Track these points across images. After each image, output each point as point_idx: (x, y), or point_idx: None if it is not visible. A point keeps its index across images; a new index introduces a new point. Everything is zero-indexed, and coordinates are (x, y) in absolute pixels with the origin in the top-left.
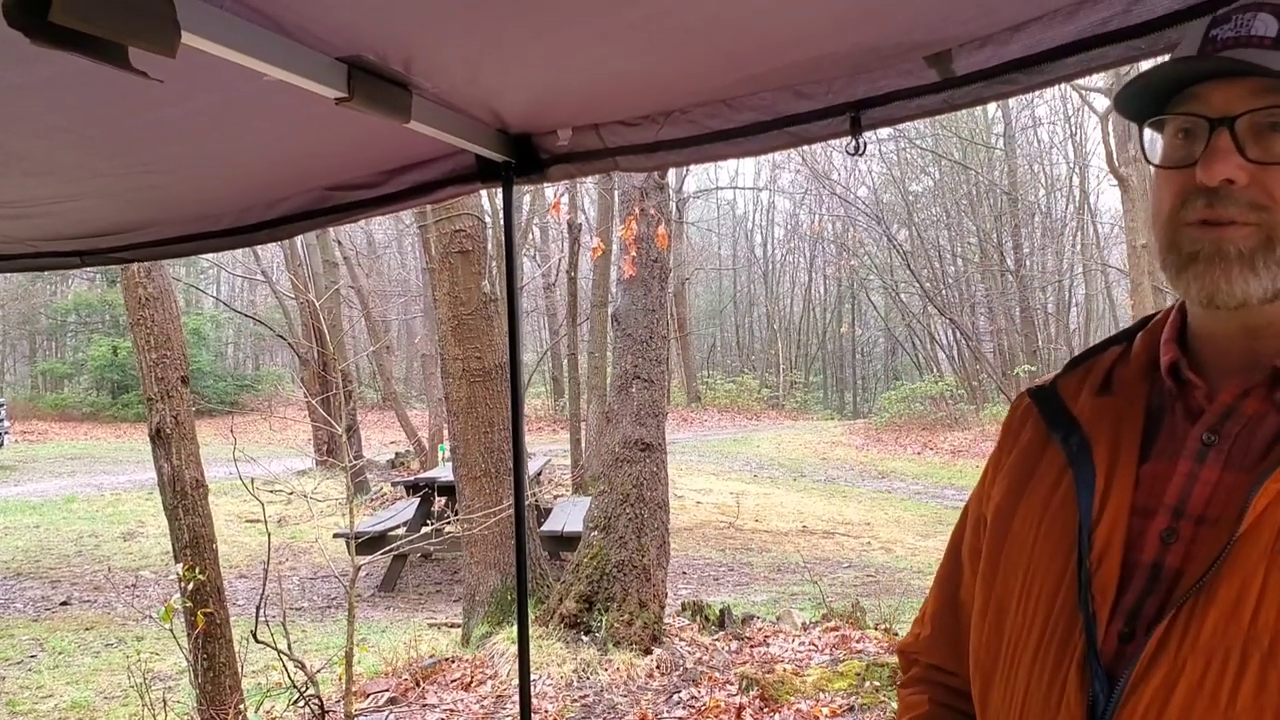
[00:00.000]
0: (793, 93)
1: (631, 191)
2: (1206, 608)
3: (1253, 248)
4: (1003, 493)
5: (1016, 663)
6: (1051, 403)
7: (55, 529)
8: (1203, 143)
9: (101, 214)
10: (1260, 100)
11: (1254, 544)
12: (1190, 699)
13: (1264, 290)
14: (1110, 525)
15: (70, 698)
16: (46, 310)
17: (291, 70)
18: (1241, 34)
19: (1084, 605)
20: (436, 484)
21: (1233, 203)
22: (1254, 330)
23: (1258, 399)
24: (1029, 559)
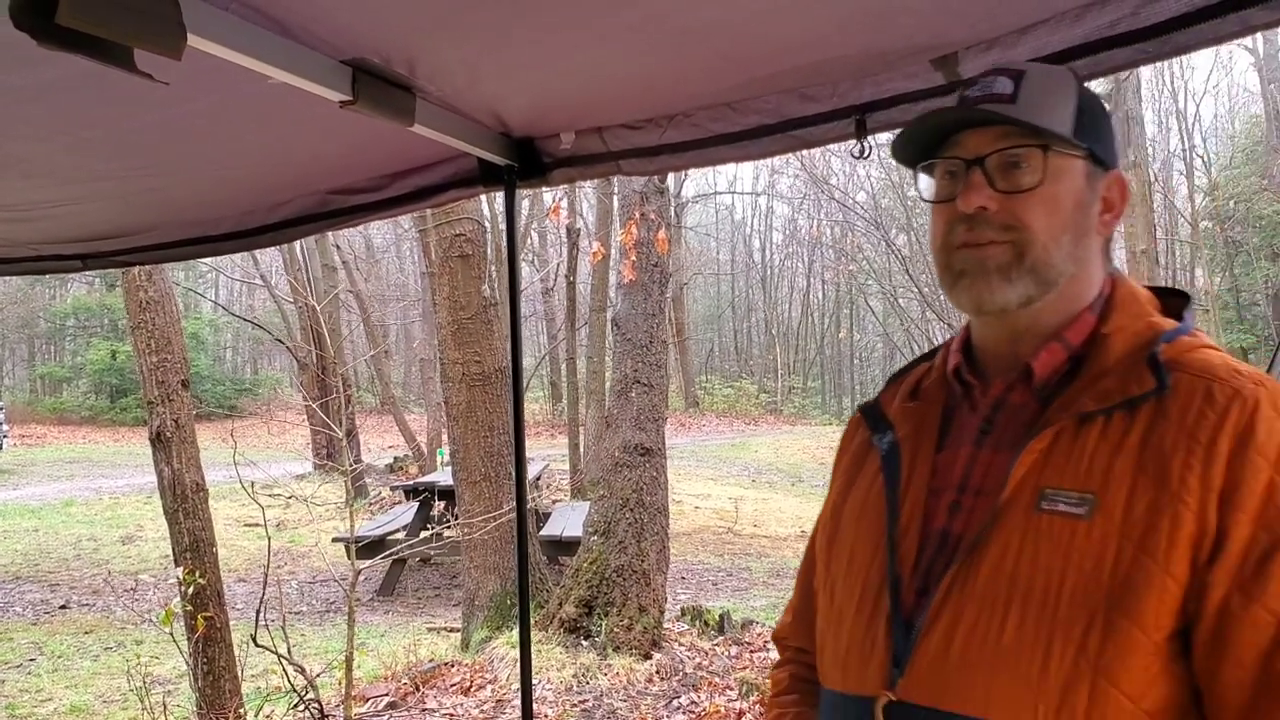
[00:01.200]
0: (797, 96)
1: (632, 196)
2: (979, 563)
3: (1007, 262)
4: (837, 491)
5: (842, 624)
6: (874, 412)
7: (54, 533)
8: (962, 180)
9: (103, 217)
10: (1003, 143)
11: (1015, 507)
12: (968, 638)
13: (1019, 296)
14: (911, 504)
15: (69, 701)
16: (45, 314)
17: (296, 73)
18: (987, 92)
19: (890, 570)
20: (436, 488)
21: (988, 226)
22: (1016, 334)
23: (1020, 391)
24: (852, 541)
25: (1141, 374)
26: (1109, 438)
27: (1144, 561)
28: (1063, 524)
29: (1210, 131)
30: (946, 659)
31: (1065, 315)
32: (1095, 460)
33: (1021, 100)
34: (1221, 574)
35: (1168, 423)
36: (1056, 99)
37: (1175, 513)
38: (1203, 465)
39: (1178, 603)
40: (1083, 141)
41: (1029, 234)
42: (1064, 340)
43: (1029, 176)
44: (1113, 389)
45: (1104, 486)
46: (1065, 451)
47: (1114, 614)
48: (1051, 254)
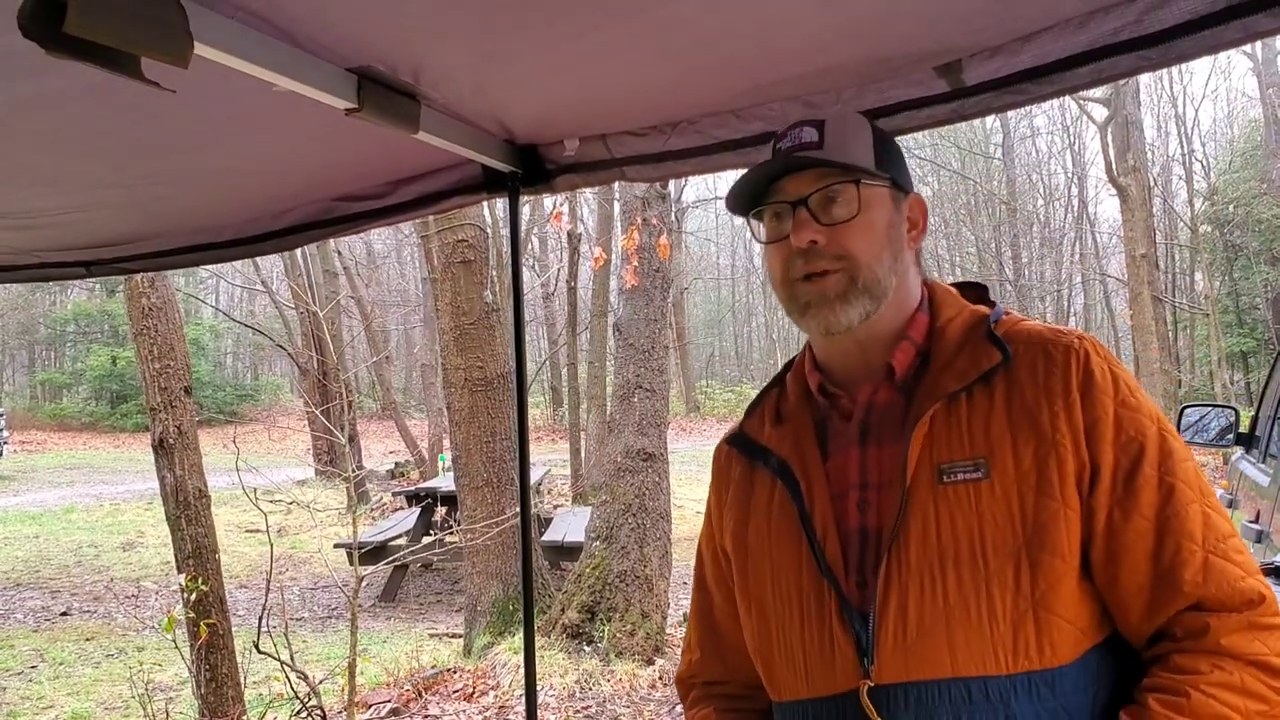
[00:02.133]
0: (801, 103)
1: (633, 201)
2: (907, 542)
3: (843, 289)
4: (734, 520)
5: (787, 634)
6: (745, 442)
7: (54, 539)
8: (789, 220)
9: (108, 225)
10: (820, 183)
11: (920, 487)
12: (920, 608)
13: (859, 314)
14: (822, 512)
15: (71, 709)
16: (46, 320)
17: (302, 81)
18: (797, 142)
19: (825, 573)
20: (437, 494)
21: (821, 257)
22: (862, 345)
23: (885, 390)
24: (770, 557)
25: (988, 350)
26: (977, 409)
27: (1046, 503)
28: (966, 490)
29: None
30: (906, 636)
31: (900, 320)
32: (973, 430)
33: (828, 144)
34: (1102, 497)
35: (1021, 385)
36: (856, 139)
37: (1058, 456)
38: (1065, 411)
39: (1079, 530)
40: (884, 172)
41: (856, 259)
42: (910, 339)
43: (846, 209)
44: (967, 368)
45: (990, 450)
46: (945, 429)
47: (1036, 552)
48: (877, 272)
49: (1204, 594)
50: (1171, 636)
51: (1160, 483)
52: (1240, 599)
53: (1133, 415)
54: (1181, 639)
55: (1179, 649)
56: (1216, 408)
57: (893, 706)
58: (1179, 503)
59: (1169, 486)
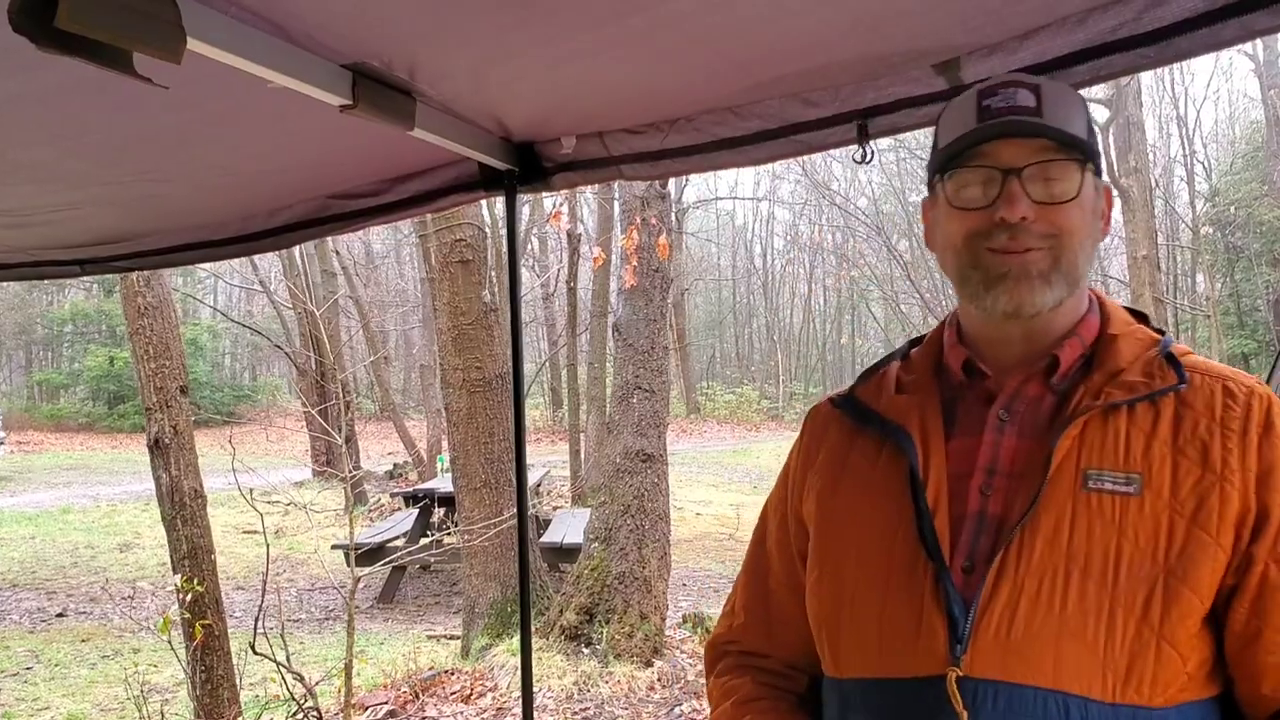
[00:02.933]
0: (799, 100)
1: (632, 201)
2: (1034, 538)
3: (1047, 267)
4: (821, 484)
5: (863, 604)
6: (855, 406)
7: (51, 540)
8: (995, 188)
9: (103, 222)
10: (1038, 155)
11: (1060, 486)
12: (1032, 608)
13: (1055, 298)
14: (936, 486)
15: (66, 710)
16: (43, 320)
17: (296, 77)
18: (1012, 104)
19: (927, 547)
20: (436, 495)
21: (1029, 235)
22: (1031, 334)
23: (1036, 384)
24: (859, 522)
25: (1164, 370)
26: (1138, 425)
27: (1198, 534)
28: (1112, 501)
29: (1211, 137)
30: (1011, 632)
31: (1073, 316)
32: (1130, 444)
33: (1047, 112)
34: (1264, 549)
35: (1195, 413)
36: (1073, 112)
37: (1223, 491)
38: (1240, 450)
39: (1222, 573)
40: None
41: (1064, 241)
42: (1080, 338)
43: (1066, 188)
44: (1138, 382)
45: (1146, 468)
46: (1099, 437)
47: (1175, 583)
48: (1078, 259)
49: None
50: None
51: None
52: None
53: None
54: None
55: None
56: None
57: (979, 702)
58: None
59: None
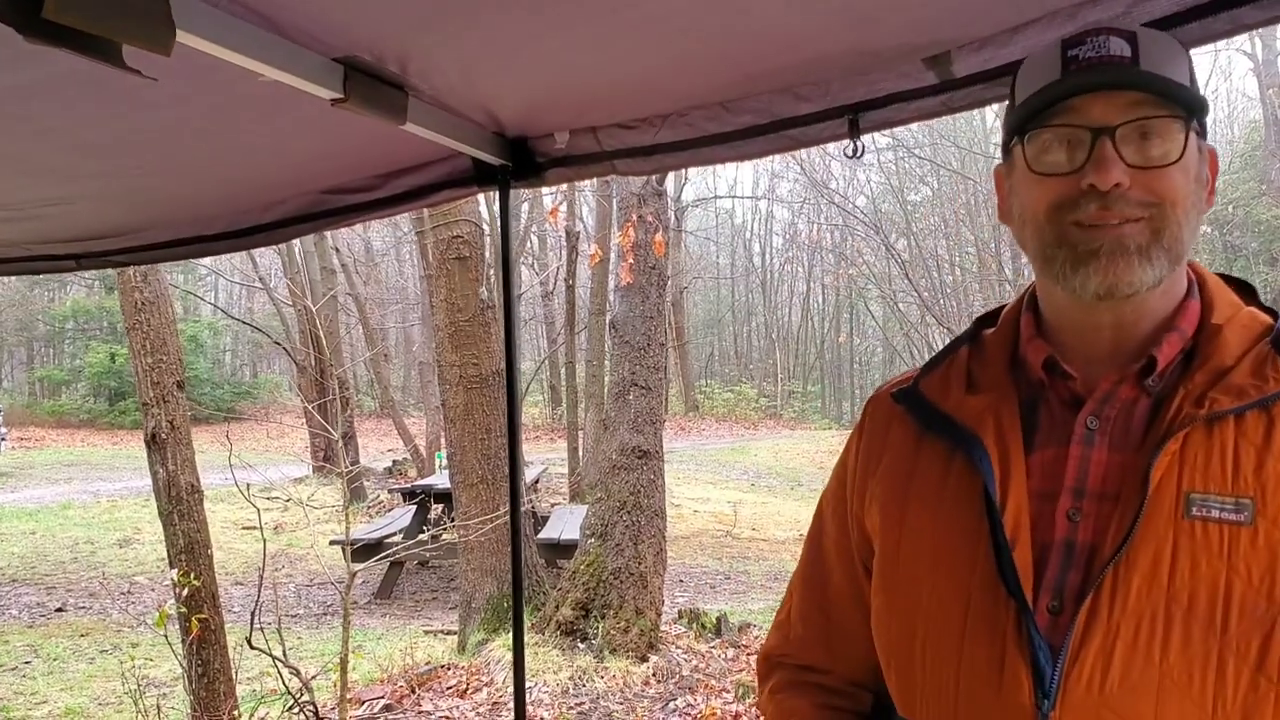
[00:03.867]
0: (791, 95)
1: (629, 198)
2: (1130, 574)
3: (1146, 241)
4: (887, 494)
5: (939, 645)
6: (920, 405)
7: (51, 535)
8: (1084, 150)
9: (96, 217)
10: (1134, 112)
11: (1158, 513)
12: (1129, 657)
13: (1155, 277)
14: (1016, 510)
15: (64, 704)
16: (44, 316)
17: (287, 70)
18: (1102, 54)
19: (1007, 583)
20: (433, 491)
21: (1125, 204)
22: (1121, 322)
23: (1129, 385)
24: (934, 548)
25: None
26: (1249, 438)
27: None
28: (1219, 531)
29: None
30: (1105, 684)
31: (1171, 301)
32: (1240, 462)
33: (1145, 62)
34: None
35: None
36: (1175, 63)
37: None
38: None
39: None
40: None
41: (1168, 211)
42: (1180, 330)
43: (1167, 149)
44: (1247, 385)
45: (1260, 491)
46: (1204, 453)
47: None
48: (1183, 231)
49: None
50: None
51: None
52: None
53: None
54: None
55: None
56: None
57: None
58: None
59: None
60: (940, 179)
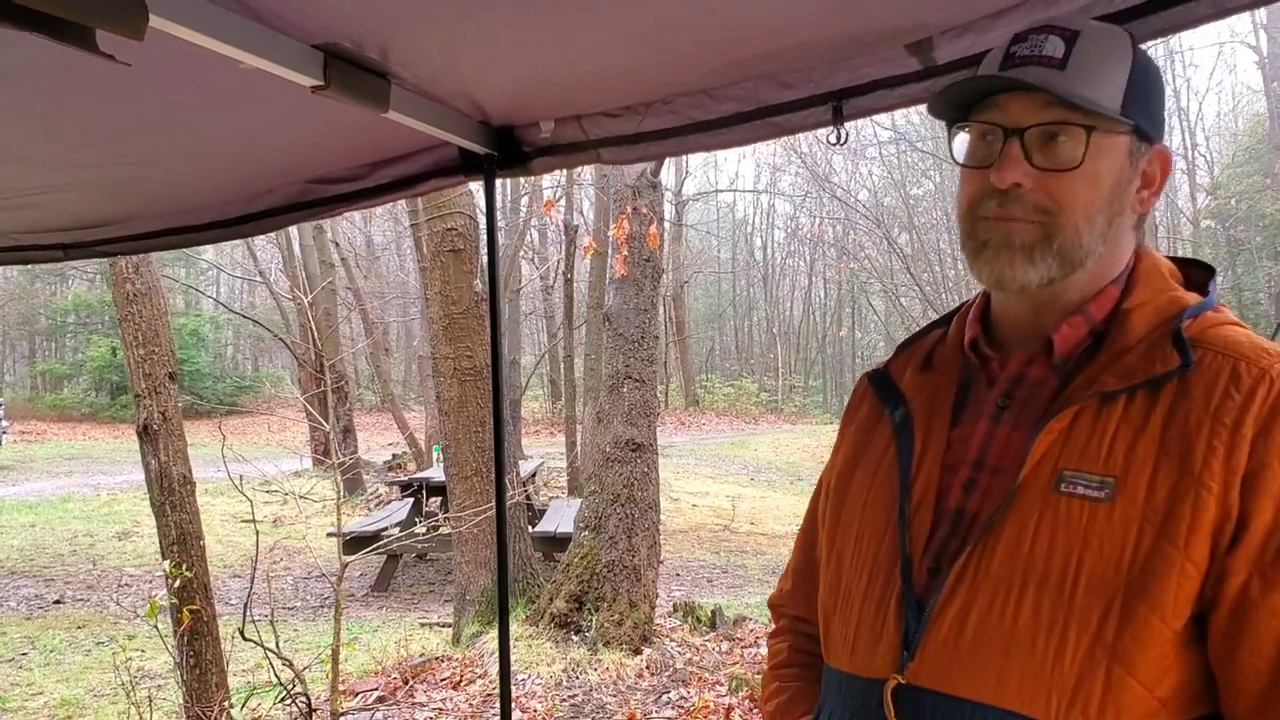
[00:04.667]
0: (775, 82)
1: (624, 190)
2: (995, 544)
3: (1032, 241)
4: (843, 460)
5: (851, 600)
6: (884, 382)
7: (51, 528)
8: (998, 147)
9: (83, 206)
10: (1046, 115)
11: (1032, 488)
12: (983, 618)
13: (1040, 277)
14: (925, 481)
15: (60, 695)
16: (46, 310)
17: (266, 57)
18: (1035, 53)
19: (902, 548)
20: (429, 484)
21: (1019, 205)
22: (1038, 307)
23: (1040, 366)
24: (861, 515)
25: (1166, 351)
26: (1131, 418)
27: (1164, 547)
28: (1082, 506)
29: (1213, 130)
30: (959, 643)
31: (1090, 290)
32: (1117, 442)
33: (1071, 66)
34: (1242, 560)
35: (1191, 403)
36: (1109, 67)
37: (1197, 497)
38: (1226, 448)
39: (1196, 588)
40: (1131, 116)
41: (1061, 217)
42: (1086, 314)
43: (1069, 154)
44: (1135, 367)
45: (1125, 470)
46: (1086, 432)
47: (1133, 600)
48: (1082, 235)
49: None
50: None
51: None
52: None
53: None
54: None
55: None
56: None
57: (915, 711)
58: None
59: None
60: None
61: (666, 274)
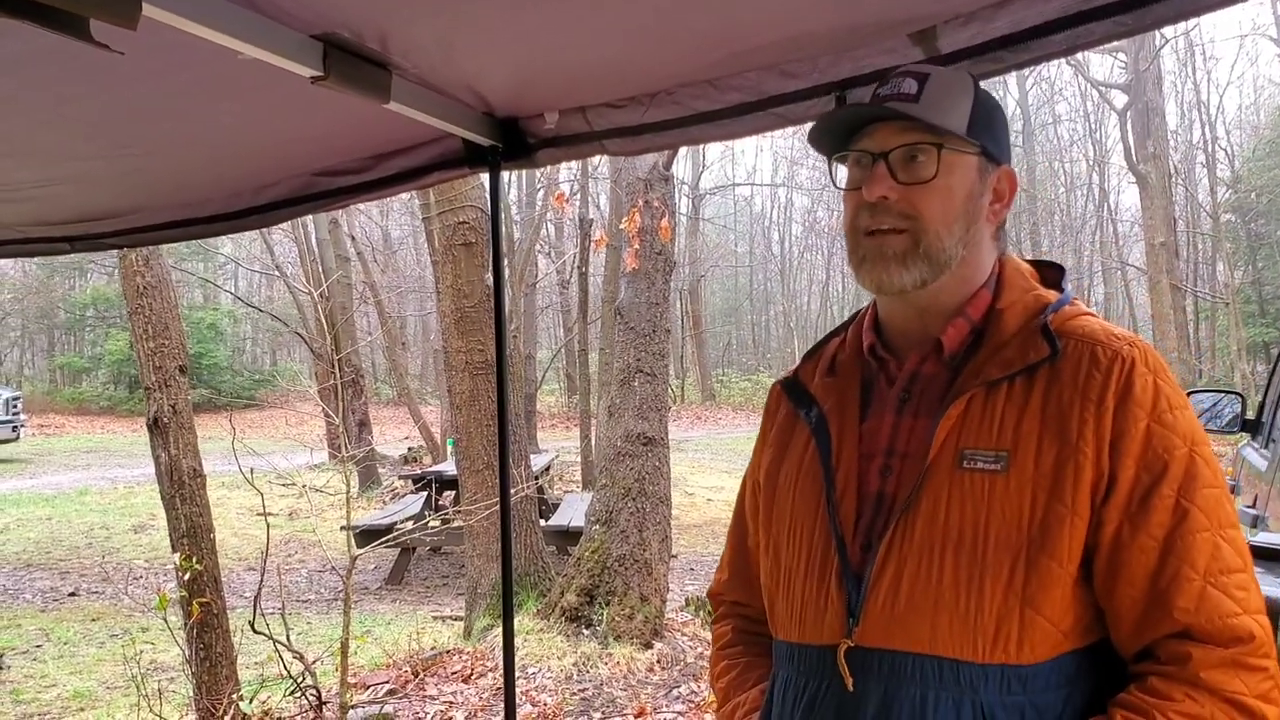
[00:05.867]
0: (778, 72)
1: (635, 183)
2: (915, 518)
3: (903, 250)
4: (770, 460)
5: (792, 581)
6: (796, 388)
7: (67, 521)
8: (868, 170)
9: (88, 199)
10: (905, 138)
11: (940, 467)
12: (912, 583)
13: (914, 280)
14: (845, 470)
15: (73, 687)
16: (64, 304)
17: (264, 48)
18: (895, 91)
19: (834, 530)
20: (439, 477)
21: (888, 214)
22: (920, 311)
23: (933, 363)
24: (792, 506)
25: (1037, 343)
26: (1014, 401)
27: (1056, 507)
28: (982, 479)
29: (1234, 124)
30: (894, 605)
31: (963, 294)
32: (1005, 422)
33: (924, 100)
34: (1114, 510)
35: (1062, 384)
36: (954, 100)
37: (1077, 463)
38: (1095, 419)
39: (1083, 537)
40: (976, 139)
41: (923, 222)
42: (966, 315)
43: (925, 170)
44: (1014, 357)
45: (1015, 445)
46: (978, 415)
47: (1035, 553)
48: (944, 240)
49: (1193, 622)
50: (1154, 658)
51: (1176, 505)
52: (1229, 634)
53: (1164, 433)
54: (1164, 663)
55: (1158, 672)
56: (1222, 393)
57: (866, 669)
58: (1190, 528)
59: (1183, 510)
60: None
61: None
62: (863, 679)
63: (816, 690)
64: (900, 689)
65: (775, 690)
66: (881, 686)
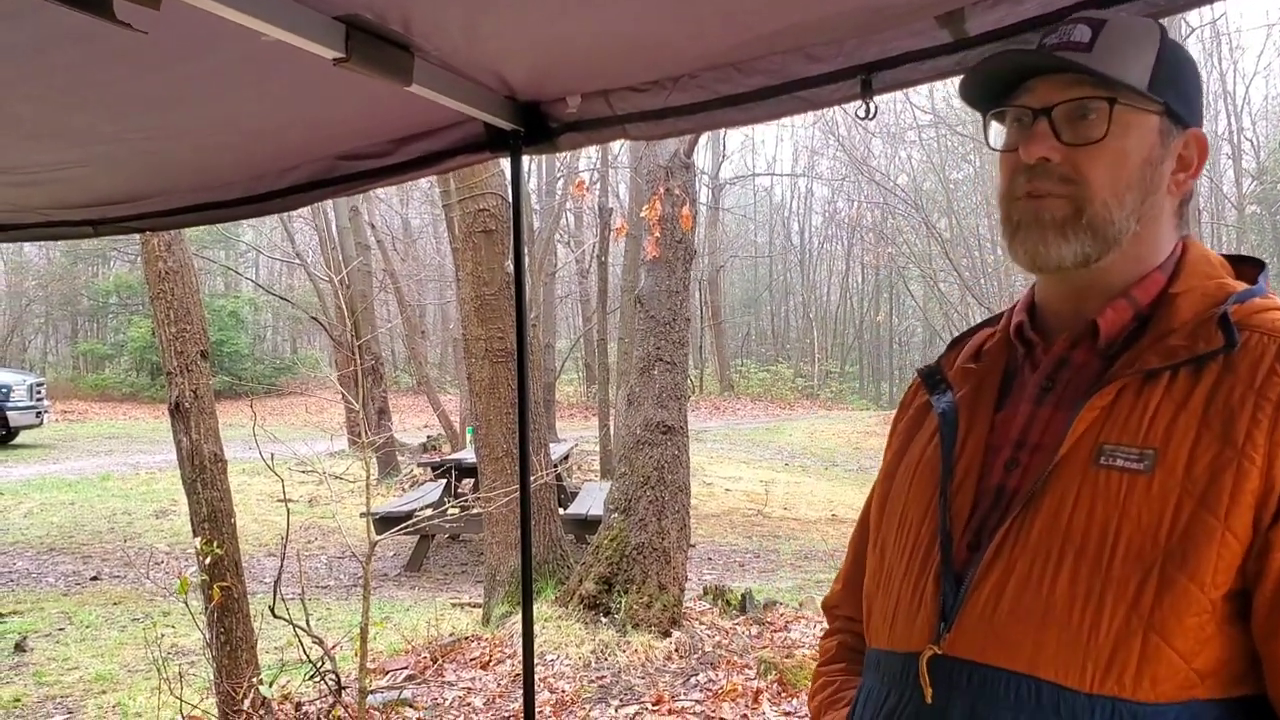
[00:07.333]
0: (803, 55)
1: (656, 171)
2: (1033, 517)
3: (1063, 217)
4: (893, 452)
5: (890, 582)
6: (933, 374)
7: (90, 506)
8: (1029, 129)
9: (110, 182)
10: (1073, 92)
11: (1073, 461)
12: (1020, 589)
13: (1075, 254)
14: (967, 461)
15: (95, 670)
16: (88, 291)
17: (285, 28)
18: (1064, 40)
19: (942, 525)
20: (458, 465)
21: (1047, 177)
22: (1080, 292)
23: (1084, 350)
24: (905, 499)
25: (1211, 332)
26: (1173, 395)
27: (1204, 517)
28: (1121, 479)
29: (1260, 114)
30: (995, 613)
31: (1132, 274)
32: (1158, 417)
33: (1097, 49)
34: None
35: (1235, 379)
36: (1135, 49)
37: (1240, 468)
38: (1271, 422)
39: (1238, 560)
40: (1159, 95)
41: (1088, 189)
42: (1131, 298)
43: (1095, 129)
44: (1179, 346)
45: (1166, 442)
46: (1128, 408)
47: (1170, 569)
48: (1112, 211)
49: None
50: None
51: None
52: None
53: None
54: None
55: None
56: None
57: (952, 682)
58: None
59: None
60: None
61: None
62: (945, 693)
63: (896, 703)
64: (988, 711)
65: (858, 703)
66: (967, 704)
